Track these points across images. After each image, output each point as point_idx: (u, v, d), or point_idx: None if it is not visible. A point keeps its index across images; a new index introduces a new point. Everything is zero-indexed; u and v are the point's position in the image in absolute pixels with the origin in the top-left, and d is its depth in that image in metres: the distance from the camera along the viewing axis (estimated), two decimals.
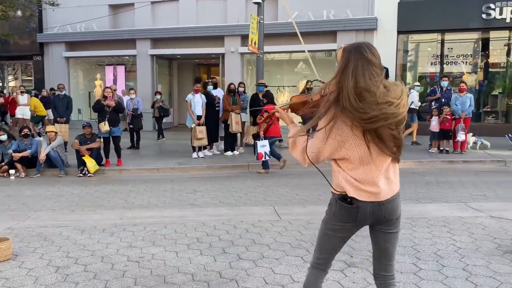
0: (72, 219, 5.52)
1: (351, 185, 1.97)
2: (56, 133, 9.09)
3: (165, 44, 16.82)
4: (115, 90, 10.97)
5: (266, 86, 10.95)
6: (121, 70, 17.62)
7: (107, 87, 9.39)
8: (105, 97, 8.91)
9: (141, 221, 5.27)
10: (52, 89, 14.65)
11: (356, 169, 1.97)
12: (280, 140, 10.47)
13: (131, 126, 12.03)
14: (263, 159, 8.27)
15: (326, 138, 1.95)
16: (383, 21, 14.49)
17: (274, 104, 10.65)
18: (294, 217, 5.36)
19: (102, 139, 9.02)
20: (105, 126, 8.82)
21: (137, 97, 12.55)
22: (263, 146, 8.17)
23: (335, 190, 2.07)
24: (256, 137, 8.86)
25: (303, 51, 15.75)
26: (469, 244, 4.24)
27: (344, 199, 2.02)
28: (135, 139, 11.93)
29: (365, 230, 2.27)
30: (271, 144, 8.40)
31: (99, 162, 8.83)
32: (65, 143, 9.81)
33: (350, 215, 2.02)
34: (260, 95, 10.32)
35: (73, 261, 4.01)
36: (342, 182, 2.00)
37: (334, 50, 15.15)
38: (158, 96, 13.38)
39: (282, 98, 15.79)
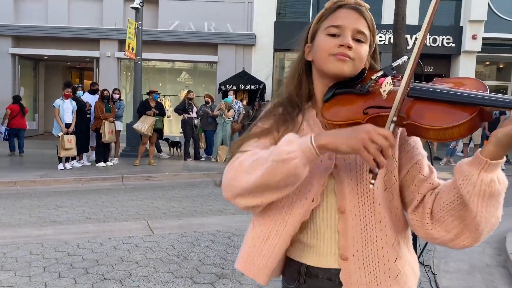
0: None
1: None
2: None
3: (30, 44, 15.20)
4: None
5: (159, 94, 10.69)
6: None
7: None
8: None
9: None
10: None
11: None
12: None
13: None
14: None
15: None
16: (261, 38, 15.18)
17: (164, 113, 10.40)
18: (167, 231, 5.17)
19: None
20: None
21: None
22: None
23: None
24: None
25: (186, 61, 15.75)
26: None
27: None
28: None
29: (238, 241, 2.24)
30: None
31: None
32: None
33: None
34: (153, 103, 9.97)
35: None
36: None
37: (216, 62, 15.38)
38: None
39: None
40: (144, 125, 9.56)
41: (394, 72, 1.09)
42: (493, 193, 0.95)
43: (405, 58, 1.11)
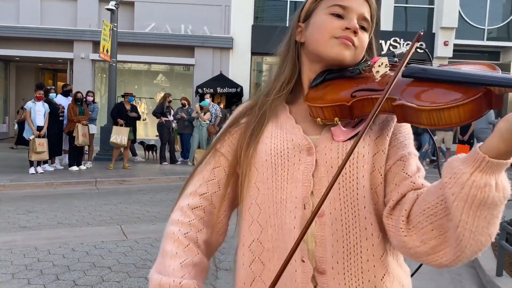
0: None
1: None
2: None
3: (0, 44, 14.79)
4: None
5: (134, 97, 10.63)
6: None
7: None
8: None
9: None
10: None
11: None
12: None
13: None
14: None
15: None
16: (238, 41, 15.22)
17: (139, 116, 10.32)
18: (141, 235, 5.11)
19: None
20: None
21: None
22: None
23: None
24: None
25: (162, 63, 15.63)
26: None
27: None
28: None
29: None
30: None
31: None
32: None
33: None
34: (128, 106, 9.87)
35: None
36: None
37: (193, 65, 15.32)
38: None
39: (139, 109, 15.30)
40: (123, 136, 9.44)
41: (395, 59, 0.96)
42: (486, 201, 0.72)
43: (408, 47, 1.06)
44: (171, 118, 11.03)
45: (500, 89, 0.75)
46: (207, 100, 11.65)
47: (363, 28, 0.99)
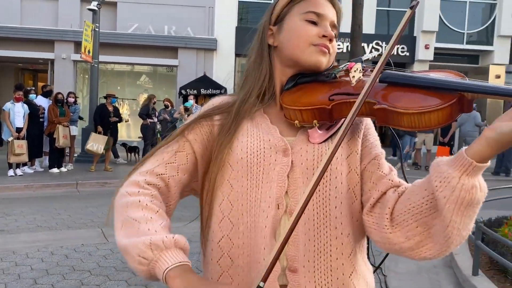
0: None
1: None
2: None
3: None
4: None
5: (117, 98, 10.53)
6: None
7: None
8: None
9: None
10: None
11: None
12: None
13: None
14: None
15: None
16: (222, 42, 15.21)
17: (121, 118, 10.23)
18: None
19: None
20: None
21: None
22: None
23: None
24: None
25: (145, 64, 15.51)
26: None
27: None
28: None
29: None
30: None
31: None
32: None
33: None
34: (110, 108, 9.78)
35: None
36: None
37: (176, 66, 15.25)
38: None
39: (121, 111, 15.18)
40: (99, 145, 9.31)
41: (363, 65, 1.01)
42: (473, 201, 0.80)
43: (375, 53, 1.07)
44: (155, 119, 10.98)
45: (473, 95, 0.83)
46: (191, 101, 11.61)
47: (334, 35, 1.03)
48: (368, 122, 1.08)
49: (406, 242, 0.89)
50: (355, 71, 0.98)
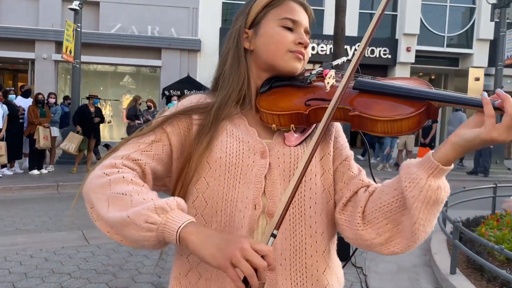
0: None
1: None
2: None
3: None
4: None
5: (99, 99, 10.42)
6: None
7: None
8: None
9: None
10: None
11: None
12: None
13: None
14: None
15: None
16: (206, 43, 15.16)
17: (103, 118, 10.13)
18: (104, 240, 5.00)
19: None
20: None
21: None
22: None
23: None
24: None
25: (128, 65, 15.36)
26: None
27: None
28: None
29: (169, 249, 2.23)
30: None
31: None
32: None
33: None
34: (92, 108, 9.67)
35: None
36: None
37: (159, 66, 15.15)
38: None
39: (104, 111, 15.02)
40: (72, 144, 9.17)
41: (334, 70, 1.05)
42: (438, 200, 0.88)
43: (344, 58, 1.11)
44: (142, 120, 10.94)
45: (439, 103, 0.90)
46: (174, 102, 11.56)
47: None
48: (337, 125, 1.12)
49: (377, 238, 0.96)
50: (329, 77, 1.02)
